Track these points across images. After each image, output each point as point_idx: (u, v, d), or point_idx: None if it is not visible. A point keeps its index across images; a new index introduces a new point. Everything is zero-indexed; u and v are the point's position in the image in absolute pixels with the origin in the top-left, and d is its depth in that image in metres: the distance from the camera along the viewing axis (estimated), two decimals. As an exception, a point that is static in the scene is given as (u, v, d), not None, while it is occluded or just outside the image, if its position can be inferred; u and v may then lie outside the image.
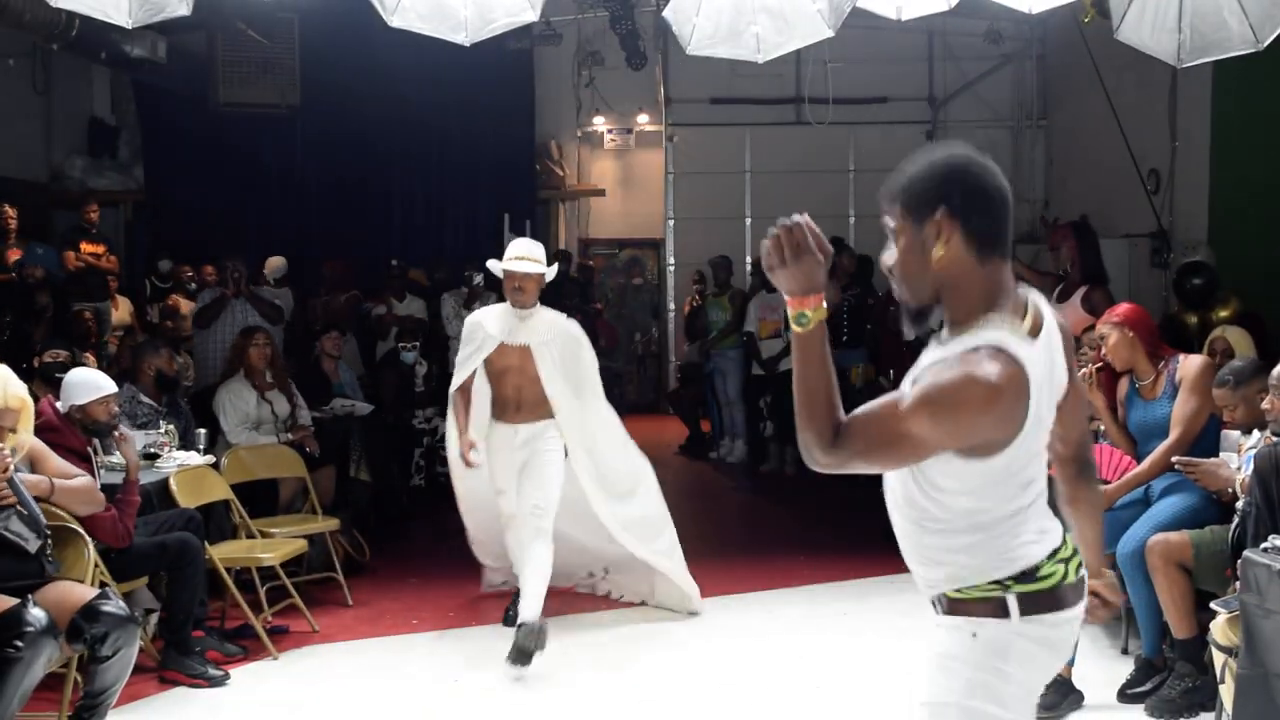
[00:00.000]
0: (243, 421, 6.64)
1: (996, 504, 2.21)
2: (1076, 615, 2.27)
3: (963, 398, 2.06)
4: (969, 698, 2.20)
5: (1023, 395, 2.10)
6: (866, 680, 4.88)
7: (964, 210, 2.18)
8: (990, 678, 2.20)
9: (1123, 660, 4.96)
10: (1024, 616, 2.20)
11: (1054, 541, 2.27)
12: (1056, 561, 2.24)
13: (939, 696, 2.25)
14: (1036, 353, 2.17)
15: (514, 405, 5.41)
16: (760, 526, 8.54)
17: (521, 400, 5.39)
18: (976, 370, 2.06)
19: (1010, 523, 2.23)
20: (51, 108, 11.15)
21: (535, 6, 5.56)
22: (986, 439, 2.12)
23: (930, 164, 2.24)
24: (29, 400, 4.13)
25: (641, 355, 14.93)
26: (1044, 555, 2.23)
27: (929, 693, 2.27)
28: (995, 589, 2.21)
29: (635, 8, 10.45)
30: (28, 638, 3.66)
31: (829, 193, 13.53)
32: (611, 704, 4.75)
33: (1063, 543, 2.29)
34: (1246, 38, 5.48)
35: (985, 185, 2.22)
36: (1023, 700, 2.24)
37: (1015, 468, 2.19)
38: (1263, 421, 4.30)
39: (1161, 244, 9.36)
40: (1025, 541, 2.23)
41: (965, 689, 2.21)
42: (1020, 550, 2.23)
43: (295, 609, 5.66)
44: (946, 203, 2.18)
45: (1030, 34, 12.45)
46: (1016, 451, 2.15)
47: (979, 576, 2.22)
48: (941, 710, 2.24)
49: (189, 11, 5.23)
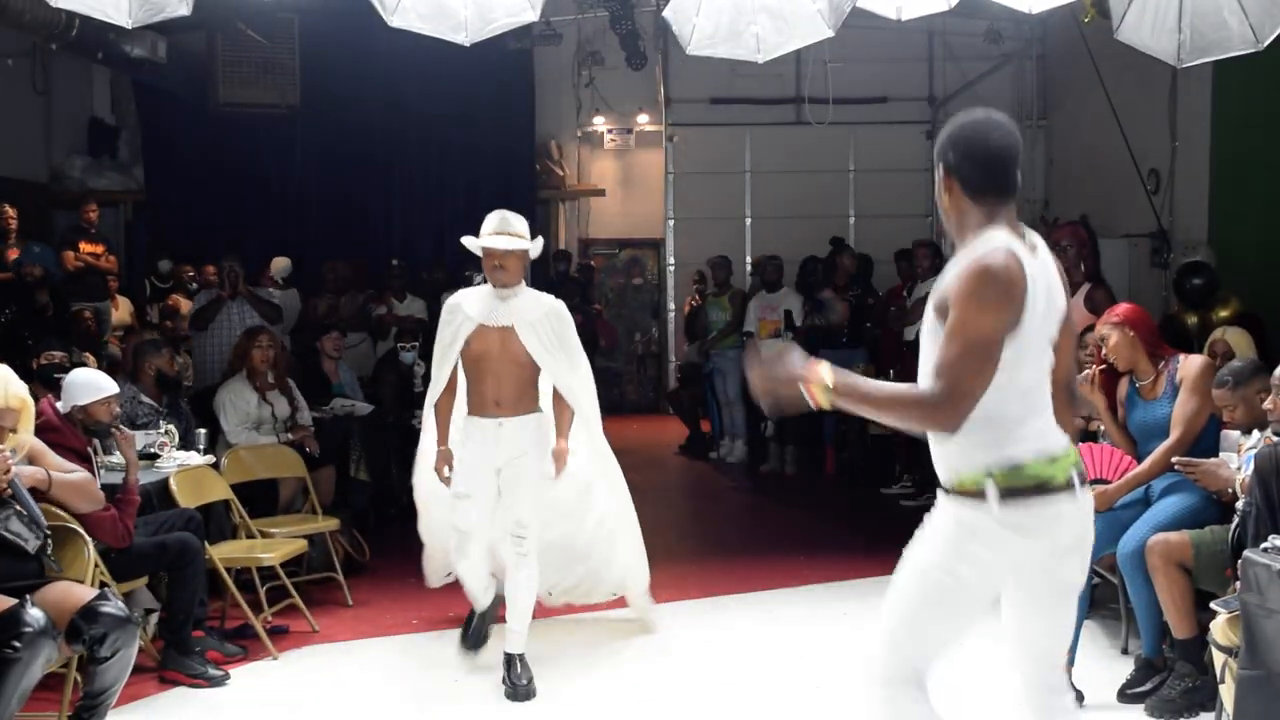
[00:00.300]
0: (243, 422, 6.64)
1: (997, 406, 2.64)
2: (1060, 510, 2.70)
3: (984, 278, 2.61)
4: (937, 566, 2.75)
5: (1021, 279, 2.62)
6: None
7: (958, 166, 2.79)
8: (961, 549, 2.71)
9: (1123, 660, 4.95)
10: (1002, 502, 2.66)
11: (1048, 447, 2.72)
12: (1046, 462, 2.69)
13: (918, 561, 2.80)
14: (1033, 262, 2.69)
15: (494, 396, 4.85)
16: (760, 526, 8.54)
17: (503, 390, 4.83)
18: (984, 258, 2.63)
19: (1007, 425, 2.68)
20: (51, 108, 11.14)
21: (535, 6, 5.56)
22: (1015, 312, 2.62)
23: (946, 129, 2.85)
24: (29, 400, 4.13)
25: (641, 355, 14.92)
26: (1031, 456, 2.68)
27: (912, 557, 2.82)
28: (983, 478, 2.68)
29: (635, 8, 10.45)
30: (26, 638, 3.66)
31: (829, 193, 13.53)
32: (611, 704, 4.75)
33: (1063, 452, 2.73)
34: (1246, 38, 5.48)
35: (975, 146, 2.78)
36: (986, 577, 2.74)
37: (1017, 372, 2.65)
38: (1263, 421, 4.30)
39: (1161, 244, 9.35)
40: (1017, 440, 2.68)
41: (940, 557, 2.75)
42: (1011, 449, 2.68)
43: (295, 609, 5.66)
44: (944, 160, 2.82)
45: (1030, 34, 12.44)
46: (1019, 346, 2.64)
47: (973, 468, 2.70)
48: (916, 572, 2.79)
49: (189, 11, 5.23)
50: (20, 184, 10.38)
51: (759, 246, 12.72)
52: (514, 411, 4.84)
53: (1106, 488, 4.69)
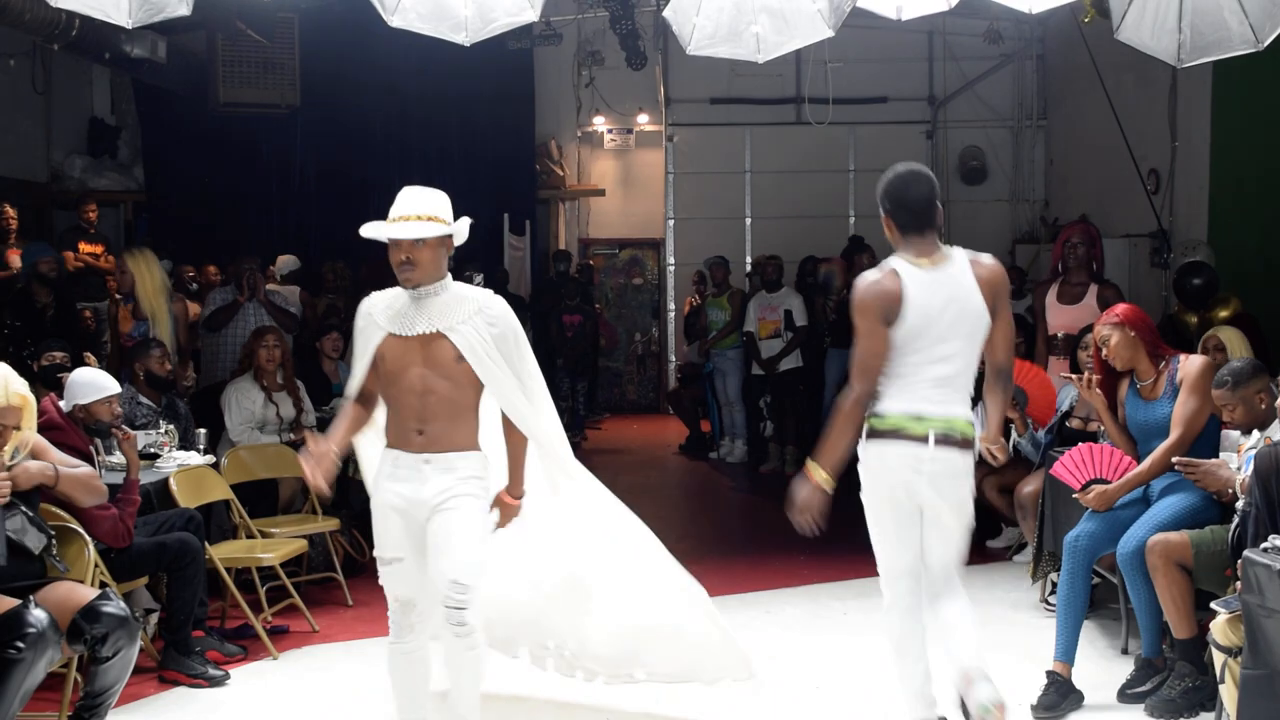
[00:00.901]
0: (247, 421, 6.65)
1: (891, 368, 3.69)
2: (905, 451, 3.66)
3: (855, 291, 3.76)
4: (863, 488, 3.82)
5: (887, 291, 3.65)
6: (866, 680, 4.87)
7: (892, 212, 3.80)
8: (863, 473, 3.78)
9: (1123, 660, 4.96)
10: (866, 440, 3.73)
11: (918, 408, 3.67)
12: (909, 418, 3.66)
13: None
14: (927, 274, 3.67)
15: (415, 425, 3.75)
16: (760, 526, 8.54)
17: (428, 418, 3.74)
18: (861, 277, 3.78)
19: (897, 383, 3.69)
20: (51, 108, 11.14)
21: (535, 6, 5.55)
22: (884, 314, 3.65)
23: (882, 181, 3.82)
24: (30, 397, 4.13)
25: (641, 355, 14.93)
26: (898, 411, 3.67)
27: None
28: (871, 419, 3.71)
29: (635, 8, 10.46)
30: (29, 639, 3.66)
31: (829, 193, 13.55)
32: (610, 704, 4.74)
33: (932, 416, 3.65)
34: (1246, 38, 5.47)
35: (902, 194, 3.76)
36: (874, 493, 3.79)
37: (908, 350, 3.66)
38: (1262, 421, 4.30)
39: (1161, 244, 9.36)
40: (892, 396, 3.69)
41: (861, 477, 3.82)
42: (887, 402, 3.70)
43: (295, 609, 5.67)
44: (882, 206, 3.81)
45: (1030, 34, 12.46)
46: (905, 334, 3.64)
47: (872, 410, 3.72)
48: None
49: (189, 11, 5.23)
50: (20, 184, 10.38)
51: (759, 246, 12.73)
52: (443, 446, 3.76)
53: (1106, 488, 4.69)
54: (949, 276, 3.68)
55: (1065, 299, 6.60)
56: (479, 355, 3.73)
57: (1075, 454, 4.83)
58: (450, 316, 3.77)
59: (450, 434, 3.77)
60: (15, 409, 4.01)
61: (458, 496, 3.74)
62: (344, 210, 11.71)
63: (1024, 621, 5.70)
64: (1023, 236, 12.90)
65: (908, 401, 3.66)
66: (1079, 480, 4.77)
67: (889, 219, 3.77)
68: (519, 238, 11.97)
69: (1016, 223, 13.29)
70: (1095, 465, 4.77)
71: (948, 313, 3.65)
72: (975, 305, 3.68)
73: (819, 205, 13.39)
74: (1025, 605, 5.94)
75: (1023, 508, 6.13)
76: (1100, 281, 6.66)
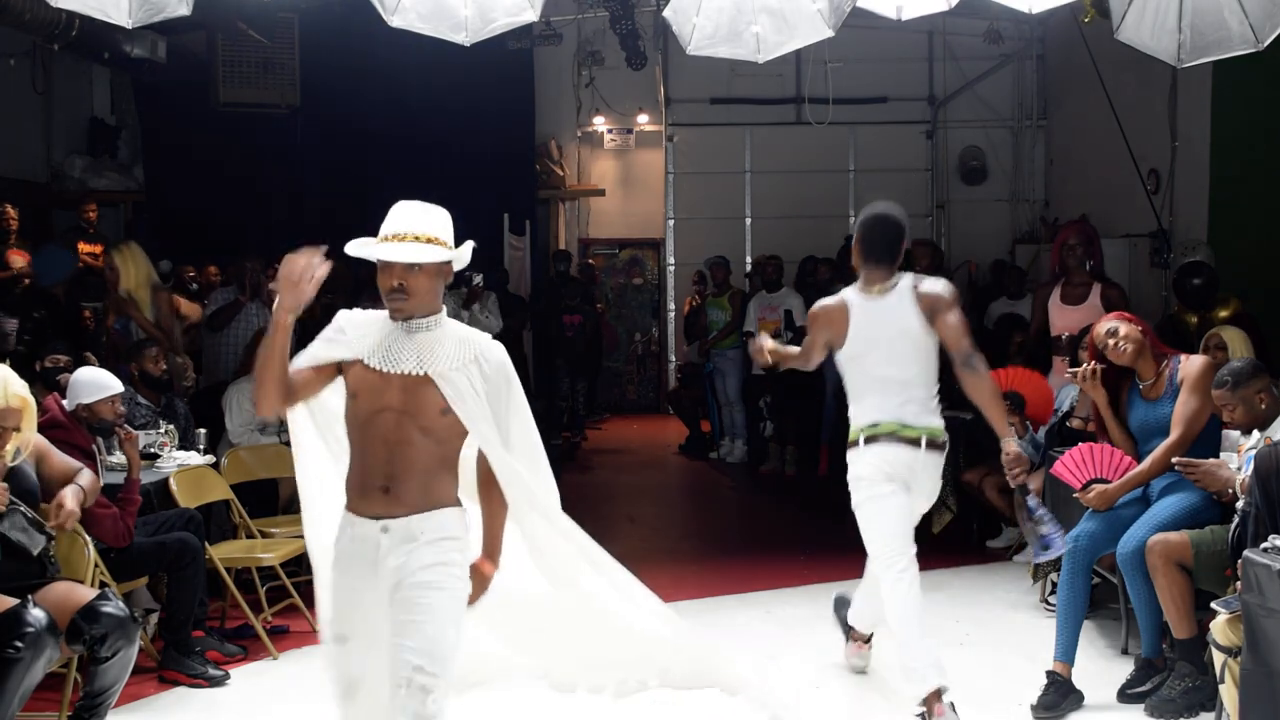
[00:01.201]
0: (248, 424, 6.65)
1: (848, 382, 4.45)
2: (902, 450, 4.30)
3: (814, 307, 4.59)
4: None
5: (833, 314, 4.43)
6: (866, 680, 4.88)
7: (861, 244, 4.47)
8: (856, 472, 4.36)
9: (1123, 660, 4.96)
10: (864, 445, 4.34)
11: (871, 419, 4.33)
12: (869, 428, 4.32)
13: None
14: (871, 301, 4.37)
15: (383, 480, 3.09)
16: (760, 526, 8.54)
17: (396, 473, 3.09)
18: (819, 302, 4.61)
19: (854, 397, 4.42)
20: (51, 108, 11.14)
21: (535, 6, 5.55)
22: (829, 336, 4.46)
23: (862, 212, 4.54)
24: (30, 399, 4.14)
25: (641, 355, 14.93)
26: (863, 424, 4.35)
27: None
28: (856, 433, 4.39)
29: (635, 8, 10.46)
30: (28, 638, 3.66)
31: (829, 193, 13.54)
32: (610, 703, 4.73)
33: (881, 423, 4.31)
34: (1246, 38, 5.48)
35: (870, 231, 4.44)
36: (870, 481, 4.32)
37: (855, 366, 4.39)
38: (1262, 421, 4.30)
39: (1161, 244, 9.35)
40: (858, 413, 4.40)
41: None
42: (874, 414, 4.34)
43: (295, 609, 5.66)
44: (856, 234, 4.52)
45: (1030, 34, 12.45)
46: (852, 352, 4.39)
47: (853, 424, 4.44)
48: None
49: (189, 11, 5.23)
50: (20, 184, 10.37)
51: (759, 246, 12.73)
52: (414, 506, 3.10)
53: (1106, 487, 4.69)
54: (889, 305, 4.34)
55: (1069, 300, 6.60)
56: (469, 409, 3.10)
57: (1075, 454, 4.83)
58: (442, 359, 3.13)
59: (424, 490, 3.11)
60: (15, 410, 4.01)
61: (429, 568, 3.07)
62: (343, 210, 11.81)
63: (1024, 621, 5.70)
64: (1023, 236, 12.89)
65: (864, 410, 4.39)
66: (1079, 480, 4.77)
67: (857, 245, 4.48)
68: (519, 238, 11.97)
69: (1016, 223, 13.30)
70: (1095, 465, 4.77)
71: (887, 334, 4.32)
72: (912, 326, 4.31)
73: (819, 205, 13.38)
74: (1025, 605, 5.94)
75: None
76: (1103, 281, 6.66)
